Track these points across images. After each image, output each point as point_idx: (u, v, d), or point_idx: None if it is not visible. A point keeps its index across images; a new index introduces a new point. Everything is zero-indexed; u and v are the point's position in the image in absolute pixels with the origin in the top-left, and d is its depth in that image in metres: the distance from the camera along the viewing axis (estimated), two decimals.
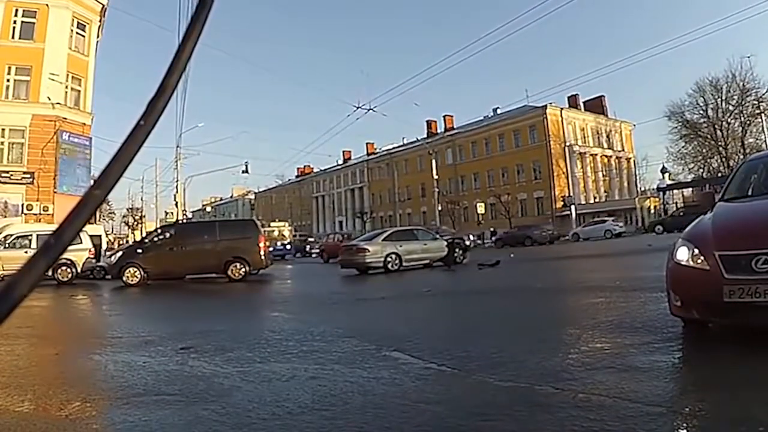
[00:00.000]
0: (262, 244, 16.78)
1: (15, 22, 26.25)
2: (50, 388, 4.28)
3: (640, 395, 3.03)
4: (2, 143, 26.06)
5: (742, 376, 3.26)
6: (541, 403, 3.08)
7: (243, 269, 16.34)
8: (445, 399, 3.36)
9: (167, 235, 17.48)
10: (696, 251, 4.10)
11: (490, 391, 3.43)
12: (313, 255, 36.55)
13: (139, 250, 16.81)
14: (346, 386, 3.71)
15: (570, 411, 2.86)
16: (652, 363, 3.70)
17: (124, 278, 15.88)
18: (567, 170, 53.40)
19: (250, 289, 14.23)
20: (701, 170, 49.09)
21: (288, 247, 37.57)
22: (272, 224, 40.15)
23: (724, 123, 46.72)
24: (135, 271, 15.99)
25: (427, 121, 70.79)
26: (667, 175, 47.35)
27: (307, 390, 3.67)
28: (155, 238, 17.55)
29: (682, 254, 4.21)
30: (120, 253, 17.70)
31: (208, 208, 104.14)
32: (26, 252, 17.25)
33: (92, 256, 18.49)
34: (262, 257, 16.76)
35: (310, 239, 44.47)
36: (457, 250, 17.83)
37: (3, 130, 25.99)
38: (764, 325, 3.82)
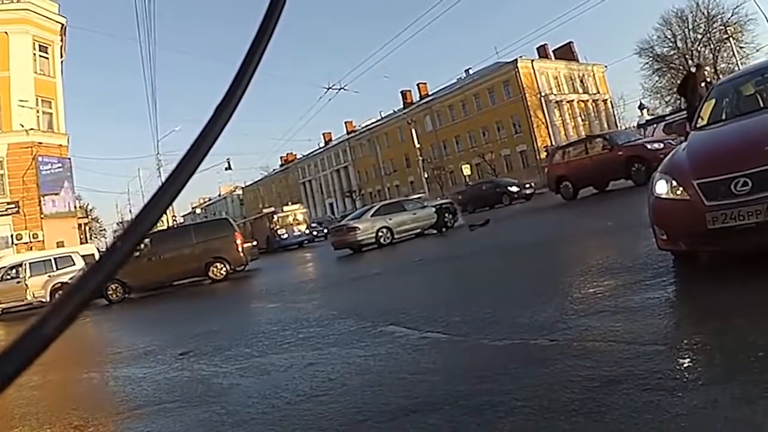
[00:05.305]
0: (239, 241, 16.70)
1: None
2: (53, 415, 4.24)
3: (635, 335, 3.02)
4: None
5: (735, 303, 3.22)
6: (537, 357, 3.07)
7: (224, 268, 16.29)
8: (441, 367, 3.35)
9: (143, 245, 17.26)
10: (674, 183, 4.06)
11: (485, 353, 3.42)
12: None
13: None
14: (343, 368, 3.69)
15: (566, 361, 2.85)
16: (644, 301, 3.69)
17: (108, 295, 15.52)
18: (546, 120, 53.26)
19: (238, 286, 14.15)
20: (678, 102, 48.90)
21: (307, 231, 32.59)
22: (285, 208, 34.58)
23: (694, 52, 46.55)
24: (117, 287, 15.66)
25: (402, 92, 70.18)
26: (645, 111, 47.27)
27: (305, 377, 3.65)
28: None
29: (661, 187, 4.18)
30: None
31: (198, 210, 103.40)
32: (18, 283, 17.10)
33: None
34: (242, 254, 16.70)
35: None
36: (446, 214, 17.79)
37: None
38: (751, 247, 3.79)
